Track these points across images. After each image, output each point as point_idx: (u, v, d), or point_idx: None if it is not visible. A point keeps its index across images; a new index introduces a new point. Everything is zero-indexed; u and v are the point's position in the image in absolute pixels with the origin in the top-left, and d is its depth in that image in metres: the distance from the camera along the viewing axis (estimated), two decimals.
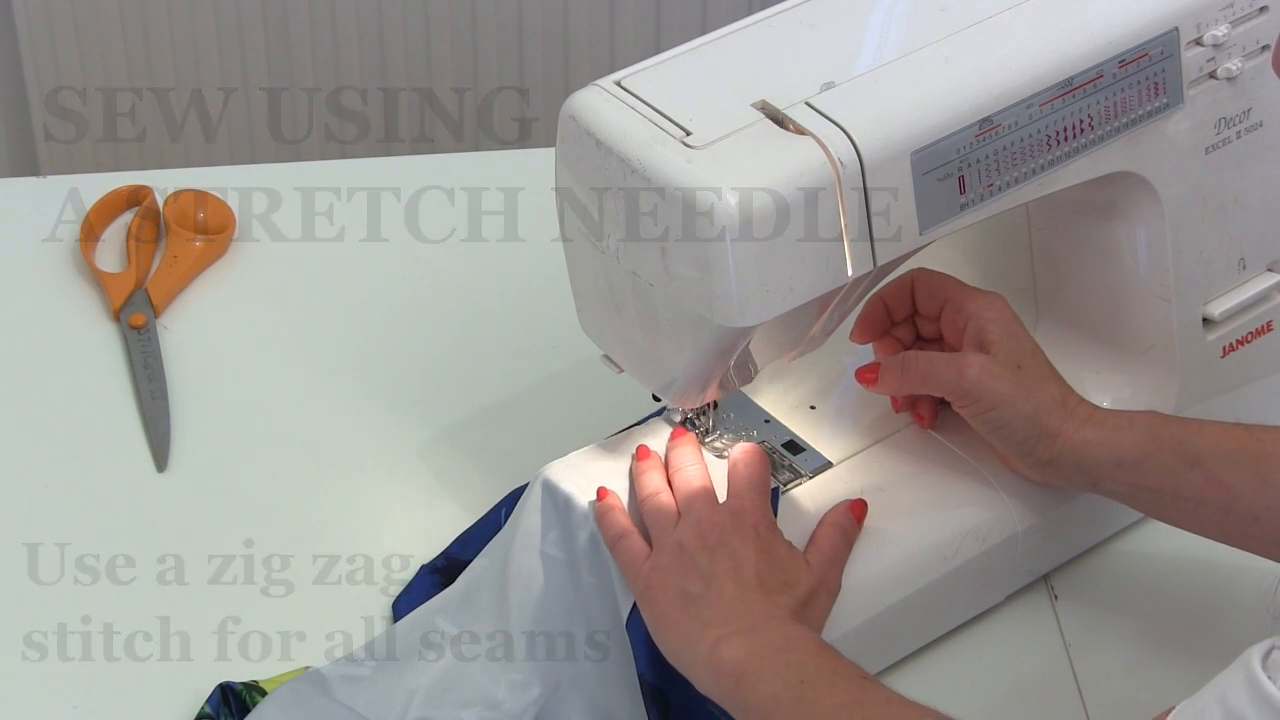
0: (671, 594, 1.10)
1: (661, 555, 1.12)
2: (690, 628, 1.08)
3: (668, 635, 1.09)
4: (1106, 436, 1.14)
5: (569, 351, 1.38)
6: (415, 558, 1.25)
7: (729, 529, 1.12)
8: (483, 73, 2.30)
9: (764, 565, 1.10)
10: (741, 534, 1.11)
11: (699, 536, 1.11)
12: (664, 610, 1.10)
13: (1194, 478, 1.12)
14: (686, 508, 1.14)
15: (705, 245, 1.02)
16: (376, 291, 1.46)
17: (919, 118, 1.06)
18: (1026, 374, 1.15)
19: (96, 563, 1.25)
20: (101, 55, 2.26)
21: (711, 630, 1.07)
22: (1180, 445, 1.12)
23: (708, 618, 1.08)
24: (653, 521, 1.14)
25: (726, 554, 1.10)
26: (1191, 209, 1.20)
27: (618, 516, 1.14)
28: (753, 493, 1.14)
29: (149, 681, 1.18)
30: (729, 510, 1.13)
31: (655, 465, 1.17)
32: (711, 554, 1.10)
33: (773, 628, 1.07)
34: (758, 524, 1.12)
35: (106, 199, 1.51)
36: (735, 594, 1.08)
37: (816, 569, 1.13)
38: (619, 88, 1.08)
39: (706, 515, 1.13)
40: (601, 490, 1.16)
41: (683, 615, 1.09)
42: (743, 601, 1.08)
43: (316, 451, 1.34)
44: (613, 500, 1.15)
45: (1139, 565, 1.26)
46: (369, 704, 1.15)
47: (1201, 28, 1.15)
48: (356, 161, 1.77)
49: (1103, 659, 1.20)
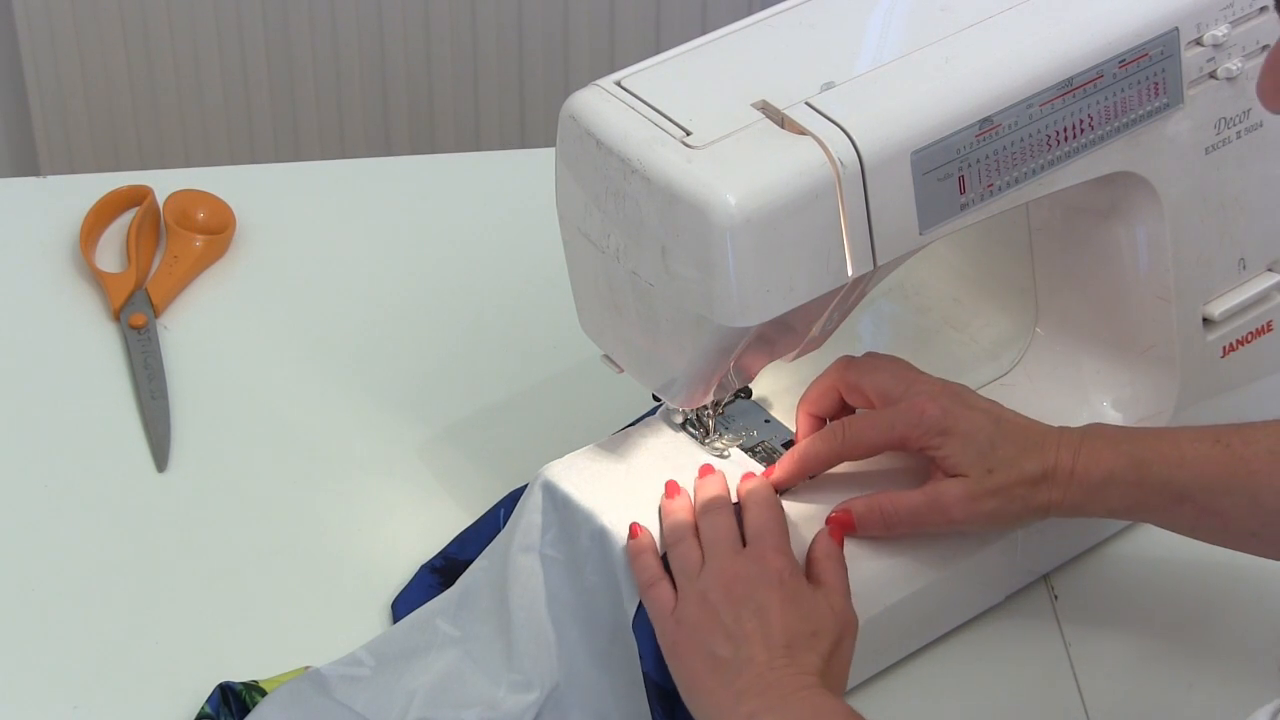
0: (700, 656, 1.08)
1: (687, 606, 1.10)
2: (723, 697, 1.07)
3: (698, 700, 1.08)
4: (1094, 495, 1.13)
5: (569, 351, 1.38)
6: (415, 558, 1.25)
7: (755, 581, 1.10)
8: (483, 73, 2.30)
9: (791, 619, 1.08)
10: (767, 585, 1.09)
11: (724, 588, 1.09)
12: (694, 673, 1.09)
13: (1186, 512, 1.13)
14: (709, 554, 1.12)
15: (705, 245, 1.02)
16: (376, 291, 1.46)
17: (919, 118, 1.06)
18: (1001, 472, 1.14)
19: (96, 562, 1.26)
20: (101, 55, 2.26)
21: (744, 703, 1.05)
22: (1166, 485, 1.12)
23: (740, 688, 1.06)
24: (678, 569, 1.12)
25: (752, 609, 1.08)
26: (1191, 209, 1.20)
27: (649, 560, 1.13)
28: (772, 537, 1.12)
29: (149, 681, 1.18)
30: (753, 559, 1.11)
31: (683, 507, 1.16)
32: (737, 609, 1.08)
33: (801, 700, 1.05)
34: (781, 571, 1.10)
35: (106, 199, 1.51)
36: (765, 660, 1.07)
37: (841, 612, 1.11)
38: (619, 88, 1.08)
39: (730, 565, 1.11)
40: (634, 527, 1.14)
41: (712, 680, 1.07)
42: (772, 671, 1.06)
43: (316, 451, 1.34)
44: (645, 540, 1.14)
45: (1139, 565, 1.26)
46: (369, 704, 1.15)
47: (1201, 28, 1.15)
48: (356, 161, 1.78)
49: (1103, 659, 1.20)
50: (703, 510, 1.15)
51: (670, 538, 1.14)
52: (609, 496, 1.17)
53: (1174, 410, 1.24)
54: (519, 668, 1.16)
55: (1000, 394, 1.26)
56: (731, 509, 1.15)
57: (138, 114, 2.31)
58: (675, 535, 1.14)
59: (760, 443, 1.23)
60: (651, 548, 1.14)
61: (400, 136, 2.35)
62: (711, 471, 1.18)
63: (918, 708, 1.18)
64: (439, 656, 1.18)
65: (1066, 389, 1.26)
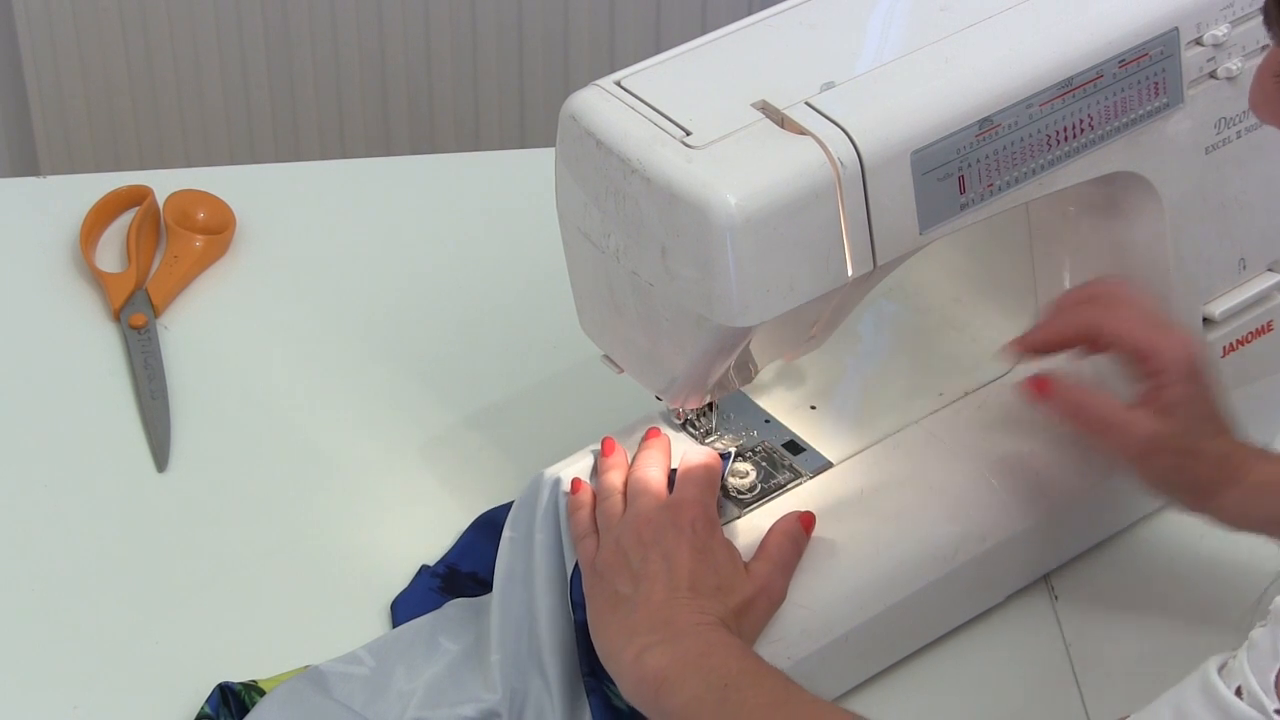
0: (605, 594, 1.10)
1: (603, 553, 1.12)
2: (617, 632, 1.08)
3: (598, 637, 1.10)
4: (1260, 497, 1.13)
5: (569, 351, 1.38)
6: (415, 558, 1.25)
7: (665, 525, 1.11)
8: (482, 73, 2.31)
9: (698, 566, 1.09)
10: (678, 531, 1.11)
11: (635, 533, 1.11)
12: (598, 610, 1.10)
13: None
14: (631, 504, 1.14)
15: (705, 245, 1.02)
16: (376, 291, 1.46)
17: (919, 118, 1.06)
18: (1196, 438, 1.13)
19: (96, 562, 1.26)
20: (101, 55, 2.26)
21: (637, 639, 1.06)
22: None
23: (634, 624, 1.07)
24: (601, 522, 1.14)
25: (660, 552, 1.10)
26: (1191, 209, 1.20)
27: (582, 516, 1.15)
28: (695, 489, 1.14)
29: (149, 681, 1.18)
30: (668, 506, 1.13)
31: (618, 464, 1.17)
32: (645, 551, 1.10)
33: (696, 634, 1.06)
34: (695, 520, 1.11)
35: (106, 199, 1.51)
36: (664, 598, 1.08)
37: (758, 576, 1.11)
38: (619, 88, 1.08)
39: (647, 510, 1.12)
40: (576, 482, 1.16)
41: (612, 616, 1.09)
42: (669, 607, 1.07)
43: (316, 451, 1.34)
44: (583, 497, 1.16)
45: (1139, 565, 1.26)
46: (367, 703, 1.15)
47: (1201, 28, 1.15)
48: (356, 161, 1.78)
49: (1103, 659, 1.20)
50: (635, 466, 1.16)
51: (600, 494, 1.15)
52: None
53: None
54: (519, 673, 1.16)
55: (1000, 394, 1.26)
56: (663, 466, 1.16)
57: (138, 114, 2.31)
58: (604, 492, 1.15)
59: (760, 443, 1.23)
60: (588, 504, 1.15)
61: (400, 136, 2.35)
62: (657, 435, 1.19)
63: (918, 708, 1.18)
64: (438, 659, 1.18)
65: None
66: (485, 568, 1.21)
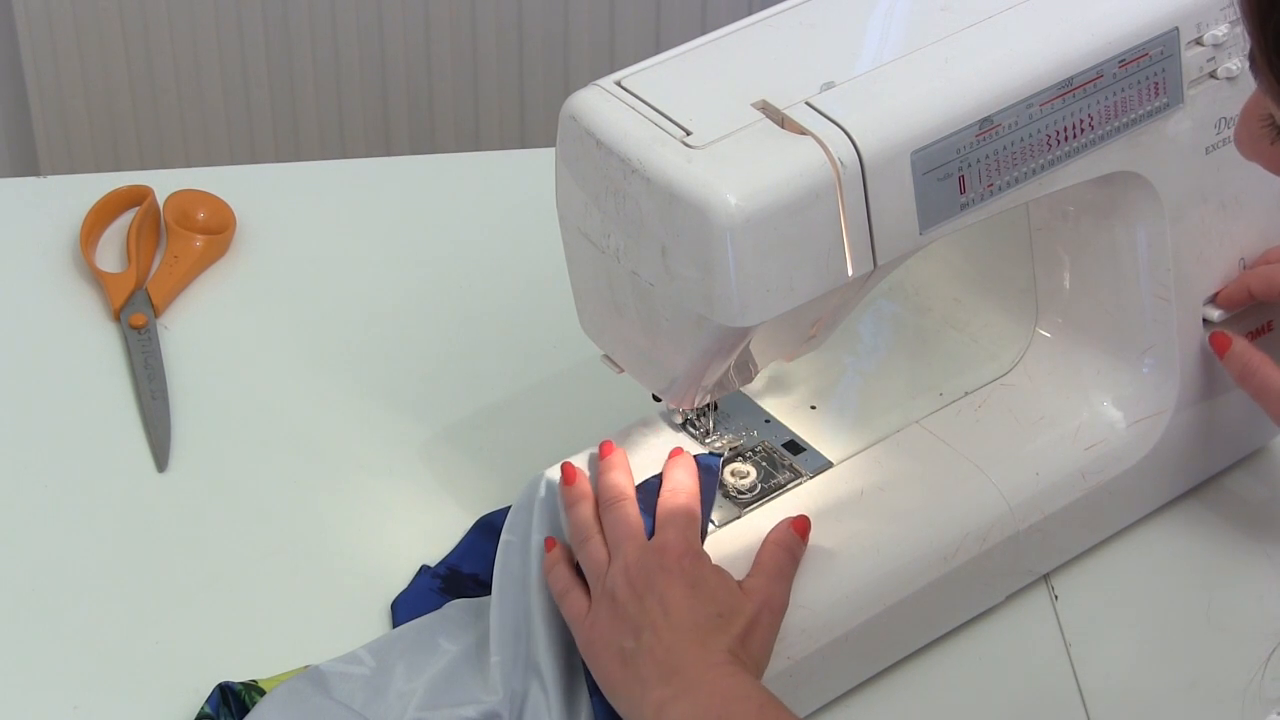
0: (610, 652, 1.09)
1: (598, 608, 1.11)
2: (633, 688, 1.07)
3: (614, 697, 1.09)
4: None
5: (569, 351, 1.38)
6: (415, 558, 1.25)
7: (655, 570, 1.10)
8: (482, 73, 2.31)
9: (693, 602, 1.08)
10: (667, 573, 1.10)
11: (628, 584, 1.10)
12: (608, 671, 1.09)
13: None
14: (613, 551, 1.12)
15: (705, 245, 1.02)
16: (376, 292, 1.46)
17: (919, 118, 1.06)
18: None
19: (96, 562, 1.26)
20: (101, 55, 2.26)
21: (652, 691, 1.06)
22: None
23: (645, 675, 1.06)
24: (588, 571, 1.13)
25: (655, 599, 1.09)
26: (1191, 209, 1.20)
27: (561, 571, 1.14)
28: (674, 526, 1.13)
29: (149, 681, 1.18)
30: (654, 550, 1.11)
31: (583, 496, 1.16)
32: (641, 601, 1.09)
33: (712, 682, 1.05)
34: (682, 557, 1.10)
35: (106, 199, 1.51)
36: (669, 642, 1.07)
37: (756, 592, 1.11)
38: (619, 88, 1.08)
39: (634, 559, 1.11)
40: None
41: (624, 674, 1.08)
42: (675, 654, 1.06)
43: (317, 451, 1.34)
44: (559, 553, 1.15)
45: (1139, 565, 1.26)
46: (367, 703, 1.15)
47: (1201, 28, 1.15)
48: (356, 161, 1.78)
49: (1103, 659, 1.20)
50: (603, 506, 1.15)
51: (575, 539, 1.14)
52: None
53: (1174, 410, 1.24)
54: (519, 675, 1.16)
55: (1000, 394, 1.26)
56: (632, 497, 1.15)
57: (138, 114, 2.31)
58: (580, 535, 1.14)
59: (760, 443, 1.23)
60: (566, 559, 1.15)
61: (400, 136, 2.35)
62: (611, 452, 1.18)
63: (918, 708, 1.18)
64: (439, 659, 1.18)
65: (1066, 389, 1.26)
66: (487, 570, 1.21)
